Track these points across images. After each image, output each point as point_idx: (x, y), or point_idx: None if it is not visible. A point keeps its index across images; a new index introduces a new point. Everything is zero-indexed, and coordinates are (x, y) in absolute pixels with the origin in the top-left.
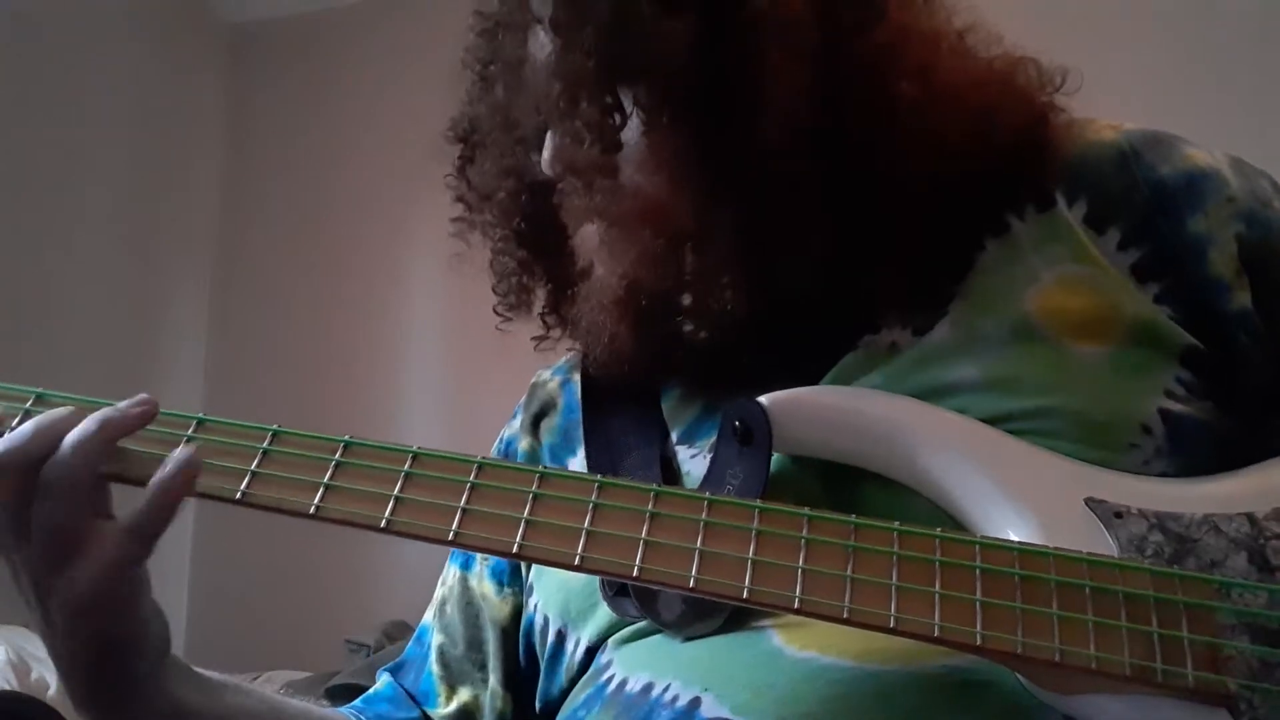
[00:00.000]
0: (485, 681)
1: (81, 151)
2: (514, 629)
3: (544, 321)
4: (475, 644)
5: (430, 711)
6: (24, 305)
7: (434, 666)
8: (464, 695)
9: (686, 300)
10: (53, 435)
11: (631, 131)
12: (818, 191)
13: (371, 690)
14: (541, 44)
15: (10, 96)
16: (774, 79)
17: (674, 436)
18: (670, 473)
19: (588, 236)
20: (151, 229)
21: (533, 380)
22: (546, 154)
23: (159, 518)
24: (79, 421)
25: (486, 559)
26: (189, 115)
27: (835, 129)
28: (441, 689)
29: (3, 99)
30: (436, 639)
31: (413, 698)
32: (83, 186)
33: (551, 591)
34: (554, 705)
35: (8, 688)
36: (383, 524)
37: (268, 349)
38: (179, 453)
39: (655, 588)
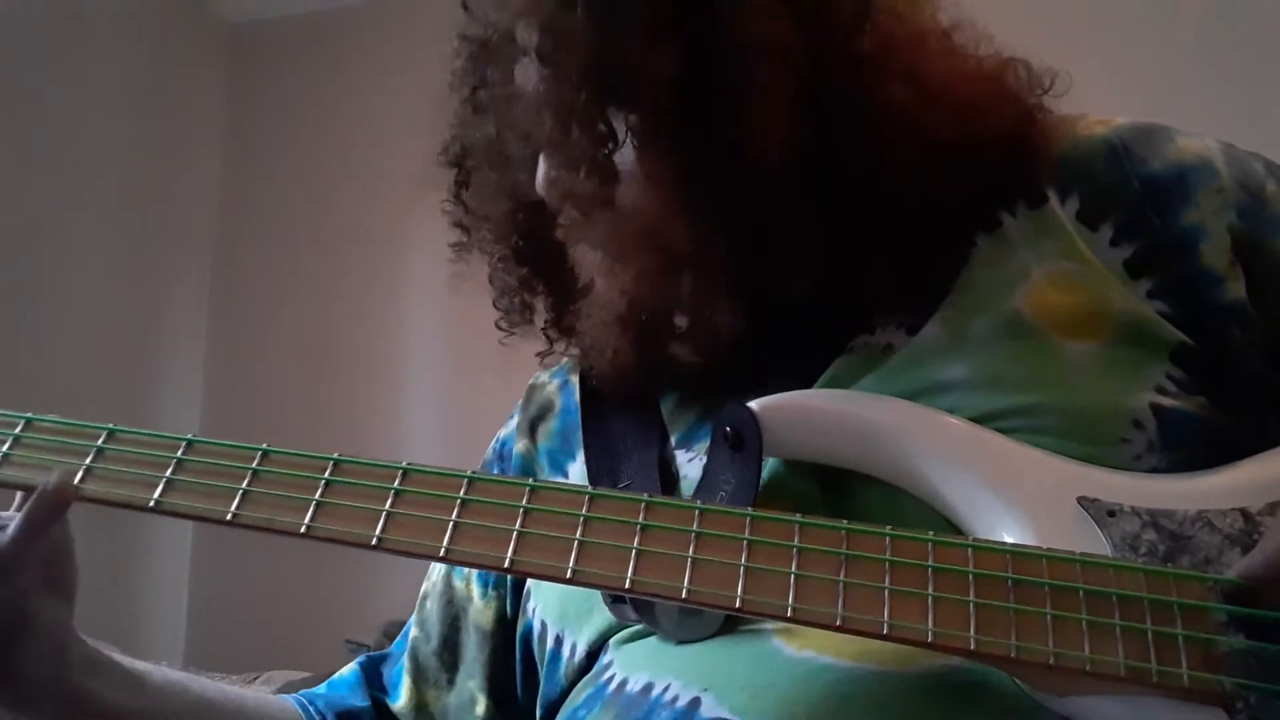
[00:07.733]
0: (451, 684)
1: (81, 151)
2: (499, 633)
3: (547, 336)
4: (449, 644)
5: (390, 704)
6: (22, 305)
7: (405, 660)
8: (424, 694)
9: (682, 323)
10: None
11: (625, 156)
12: (810, 205)
13: (338, 675)
14: (529, 74)
15: (10, 96)
16: (762, 97)
17: (673, 440)
18: (669, 476)
19: (586, 252)
20: (151, 229)
21: (531, 382)
22: (540, 180)
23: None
24: None
25: None
26: (189, 115)
27: (826, 138)
28: (405, 683)
29: (2, 98)
30: (412, 632)
31: (383, 688)
32: (81, 186)
33: (549, 597)
34: (555, 707)
35: None
36: (374, 542)
37: (267, 349)
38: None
39: (648, 599)
